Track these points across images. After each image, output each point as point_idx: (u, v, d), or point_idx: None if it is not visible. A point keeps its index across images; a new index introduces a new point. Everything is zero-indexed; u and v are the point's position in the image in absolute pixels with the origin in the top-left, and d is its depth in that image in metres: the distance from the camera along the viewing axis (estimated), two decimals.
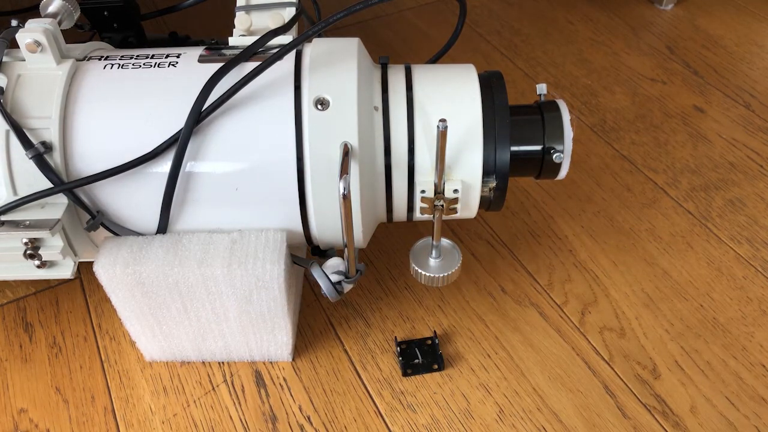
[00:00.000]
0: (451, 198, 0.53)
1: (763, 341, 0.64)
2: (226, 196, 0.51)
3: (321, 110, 0.50)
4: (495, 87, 0.54)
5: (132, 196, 0.51)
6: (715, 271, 0.71)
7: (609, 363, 0.63)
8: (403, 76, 0.54)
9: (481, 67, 0.98)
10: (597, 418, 0.59)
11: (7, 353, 0.65)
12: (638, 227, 0.75)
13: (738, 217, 0.76)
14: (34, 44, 0.50)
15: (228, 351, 0.61)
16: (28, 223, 0.49)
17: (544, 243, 0.74)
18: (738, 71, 0.98)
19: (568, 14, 1.11)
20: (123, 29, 0.63)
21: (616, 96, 0.94)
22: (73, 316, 0.68)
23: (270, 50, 0.53)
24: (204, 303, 0.55)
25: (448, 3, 1.14)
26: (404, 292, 0.69)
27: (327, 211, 0.52)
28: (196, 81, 0.50)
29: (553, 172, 0.56)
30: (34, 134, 0.49)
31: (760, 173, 0.82)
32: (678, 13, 1.10)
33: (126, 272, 0.51)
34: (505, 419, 0.59)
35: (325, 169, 0.50)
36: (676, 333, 0.65)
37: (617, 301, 0.68)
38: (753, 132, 0.87)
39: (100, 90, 0.51)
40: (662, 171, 0.82)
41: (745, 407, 0.59)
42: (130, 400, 0.61)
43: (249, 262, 0.51)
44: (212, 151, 0.50)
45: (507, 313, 0.67)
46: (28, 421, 0.59)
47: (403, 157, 0.52)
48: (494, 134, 0.52)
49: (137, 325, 0.58)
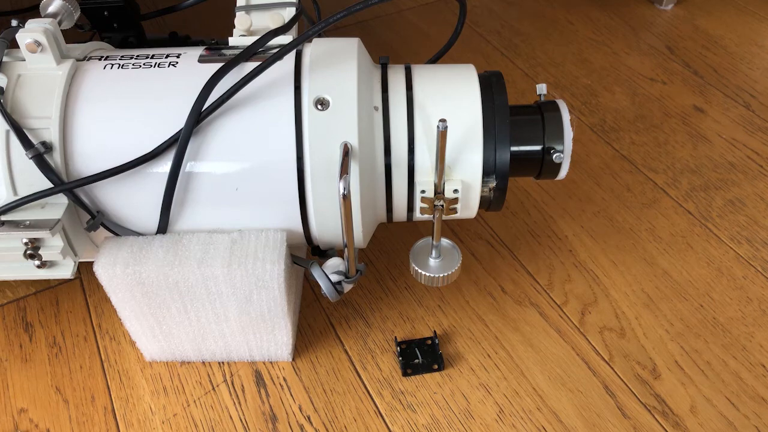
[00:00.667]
0: (451, 198, 0.53)
1: (763, 341, 0.64)
2: (226, 196, 0.51)
3: (321, 110, 0.50)
4: (495, 87, 0.54)
5: (132, 196, 0.51)
6: (715, 271, 0.71)
7: (609, 363, 0.63)
8: (403, 76, 0.54)
9: (481, 67, 0.98)
10: (597, 418, 0.59)
11: (7, 353, 0.65)
12: (638, 227, 0.75)
13: (738, 217, 0.76)
14: (34, 44, 0.50)
15: (228, 351, 0.61)
16: (28, 223, 0.49)
17: (544, 243, 0.74)
18: (738, 71, 0.98)
19: (568, 14, 1.11)
20: (123, 29, 0.63)
21: (616, 96, 0.94)
22: (73, 316, 0.68)
23: (270, 50, 0.53)
24: (204, 303, 0.55)
25: (448, 3, 1.14)
26: (404, 292, 0.69)
27: (327, 211, 0.52)
28: (196, 81, 0.50)
29: (553, 172, 0.56)
30: (34, 134, 0.49)
31: (760, 173, 0.82)
32: (678, 13, 1.10)
33: (126, 272, 0.51)
34: (505, 419, 0.59)
35: (325, 169, 0.50)
36: (676, 333, 0.65)
37: (617, 301, 0.68)
38: (753, 132, 0.87)
39: (100, 90, 0.51)
40: (662, 171, 0.82)
41: (745, 407, 0.59)
42: (130, 400, 0.61)
43: (249, 262, 0.51)
44: (212, 151, 0.50)
45: (507, 313, 0.67)
46: (28, 421, 0.59)
47: (403, 157, 0.52)
48: (494, 134, 0.52)
49: (137, 325, 0.58)
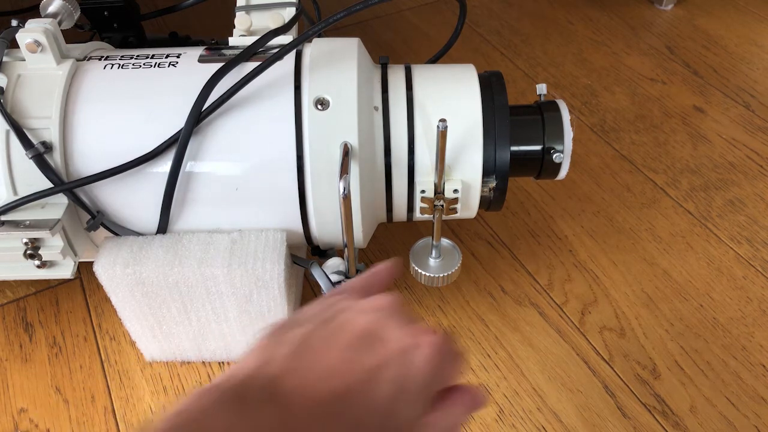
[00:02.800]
0: (451, 198, 0.53)
1: (763, 341, 0.64)
2: (226, 196, 0.51)
3: (321, 110, 0.50)
4: (495, 87, 0.54)
5: (132, 196, 0.51)
6: (715, 271, 0.71)
7: (609, 363, 0.63)
8: (403, 75, 0.54)
9: (481, 67, 0.98)
10: (597, 418, 0.59)
11: (7, 353, 0.65)
12: (638, 227, 0.75)
13: (738, 217, 0.76)
14: (34, 44, 0.50)
15: (228, 351, 0.61)
16: (28, 223, 0.49)
17: (544, 243, 0.74)
18: (738, 71, 0.98)
19: (568, 14, 1.11)
20: (123, 29, 0.63)
21: (616, 96, 0.94)
22: (73, 316, 0.68)
23: (270, 50, 0.53)
24: (204, 303, 0.55)
25: (448, 3, 1.14)
26: (404, 292, 0.69)
27: (327, 211, 0.52)
28: (196, 81, 0.50)
29: (553, 172, 0.56)
30: (34, 134, 0.49)
31: (760, 173, 0.82)
32: (678, 13, 1.10)
33: (126, 272, 0.51)
34: (505, 419, 0.59)
35: (325, 169, 0.50)
36: (676, 333, 0.65)
37: (617, 301, 0.68)
38: (753, 132, 0.87)
39: (100, 90, 0.51)
40: (662, 171, 0.82)
41: (745, 407, 0.59)
42: (130, 400, 0.61)
43: (249, 262, 0.51)
44: (212, 151, 0.50)
45: (507, 313, 0.67)
46: (28, 421, 0.59)
47: (403, 157, 0.52)
48: (494, 134, 0.52)
49: (137, 325, 0.58)
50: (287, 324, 0.32)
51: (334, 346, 0.30)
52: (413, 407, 0.30)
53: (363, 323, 0.31)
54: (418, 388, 0.30)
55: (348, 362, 0.29)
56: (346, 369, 0.29)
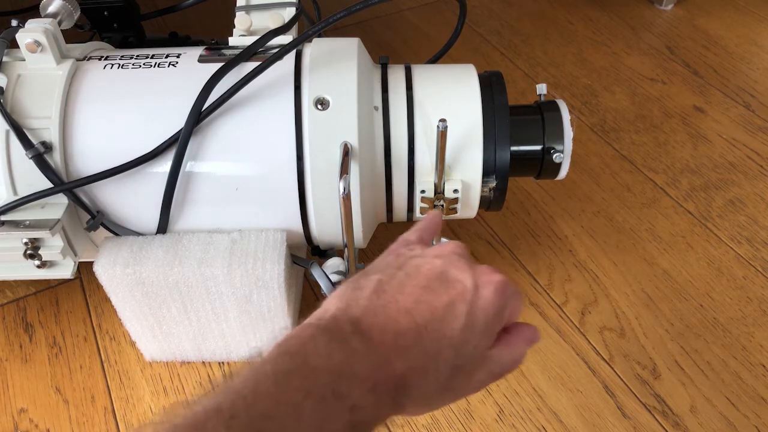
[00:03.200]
0: (451, 198, 0.53)
1: (763, 341, 0.64)
2: (226, 196, 0.51)
3: (321, 110, 0.50)
4: (495, 87, 0.54)
5: (132, 196, 0.51)
6: (715, 271, 0.71)
7: (609, 363, 0.63)
8: (403, 75, 0.54)
9: (481, 67, 0.97)
10: (597, 418, 0.59)
11: (7, 353, 0.64)
12: (638, 227, 0.75)
13: (738, 217, 0.76)
14: (34, 44, 0.50)
15: (228, 351, 0.61)
16: (28, 223, 0.49)
17: (544, 243, 0.74)
18: (738, 71, 0.98)
19: (568, 14, 1.11)
20: (123, 29, 0.63)
21: (616, 96, 0.94)
22: (73, 316, 0.68)
23: (270, 50, 0.53)
24: (204, 303, 0.55)
25: (448, 3, 1.14)
26: None
27: (327, 211, 0.52)
28: (196, 81, 0.50)
29: (553, 172, 0.56)
30: (34, 134, 0.49)
31: (760, 173, 0.82)
32: (678, 13, 1.10)
33: (126, 272, 0.51)
34: (505, 419, 0.59)
35: (325, 169, 0.50)
36: (676, 333, 0.65)
37: (617, 301, 0.68)
38: (753, 132, 0.87)
39: (100, 90, 0.51)
40: (662, 171, 0.82)
41: (745, 407, 0.59)
42: (130, 400, 0.61)
43: (249, 262, 0.51)
44: (212, 151, 0.50)
45: None
46: (28, 421, 0.59)
47: (403, 157, 0.52)
48: (494, 134, 0.52)
49: (137, 325, 0.57)
50: (362, 274, 0.36)
51: (409, 287, 0.34)
52: (481, 340, 0.34)
53: (435, 266, 0.35)
54: (486, 322, 0.34)
55: (423, 301, 0.33)
56: (422, 307, 0.33)
